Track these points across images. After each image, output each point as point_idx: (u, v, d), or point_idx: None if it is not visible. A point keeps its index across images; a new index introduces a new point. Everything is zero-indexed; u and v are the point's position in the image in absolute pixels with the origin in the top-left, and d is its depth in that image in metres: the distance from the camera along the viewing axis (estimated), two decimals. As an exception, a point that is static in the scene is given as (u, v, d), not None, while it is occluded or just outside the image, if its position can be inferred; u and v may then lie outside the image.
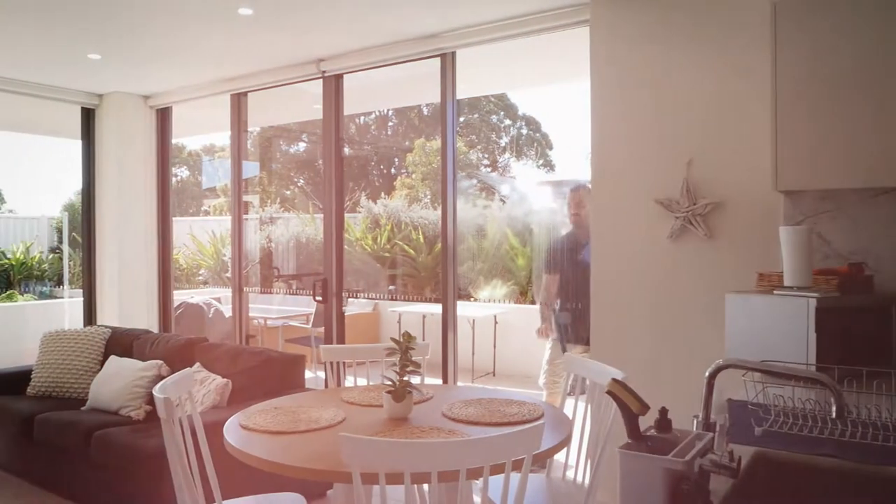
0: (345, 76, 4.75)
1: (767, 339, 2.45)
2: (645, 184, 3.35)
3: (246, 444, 2.30)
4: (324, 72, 4.71)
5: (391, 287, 8.57)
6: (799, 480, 1.61)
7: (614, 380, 1.30)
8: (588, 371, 2.78)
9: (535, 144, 15.48)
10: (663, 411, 1.32)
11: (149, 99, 5.88)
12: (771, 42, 2.58)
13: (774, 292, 2.46)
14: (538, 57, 4.72)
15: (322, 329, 6.79)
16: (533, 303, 7.35)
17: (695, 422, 1.44)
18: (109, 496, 3.67)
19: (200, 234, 10.26)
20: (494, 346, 7.23)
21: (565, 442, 2.32)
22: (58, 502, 3.94)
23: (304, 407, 2.70)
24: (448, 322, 4.19)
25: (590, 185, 4.61)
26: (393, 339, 2.58)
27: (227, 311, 7.26)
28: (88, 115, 5.89)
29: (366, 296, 7.94)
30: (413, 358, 2.57)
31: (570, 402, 3.13)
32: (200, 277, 10.17)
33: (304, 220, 8.95)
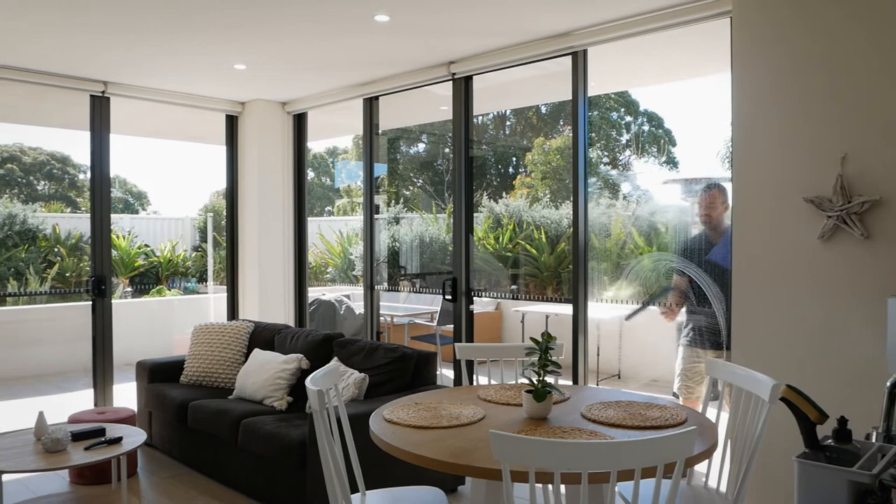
0: (473, 77, 4.80)
1: (937, 348, 2.27)
2: (792, 181, 3.18)
3: (391, 436, 2.38)
4: (454, 74, 4.78)
5: (513, 287, 8.58)
6: None
7: (789, 386, 1.24)
8: (735, 377, 2.68)
9: (659, 141, 15.04)
10: (842, 420, 1.26)
11: (286, 105, 6.19)
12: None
13: (947, 297, 2.27)
14: (664, 52, 4.59)
15: (449, 327, 6.91)
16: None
17: (874, 433, 1.36)
18: (256, 480, 3.89)
19: (328, 233, 10.70)
20: (620, 349, 7.08)
21: (713, 448, 2.25)
22: (208, 484, 4.22)
23: (444, 403, 2.76)
24: (579, 323, 4.15)
25: (722, 185, 4.46)
26: (532, 339, 2.59)
27: (357, 308, 7.53)
28: (232, 122, 6.28)
29: (488, 294, 8.00)
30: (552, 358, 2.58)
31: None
32: (328, 275, 10.60)
33: (428, 220, 9.13)
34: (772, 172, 3.25)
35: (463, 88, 4.82)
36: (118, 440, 3.66)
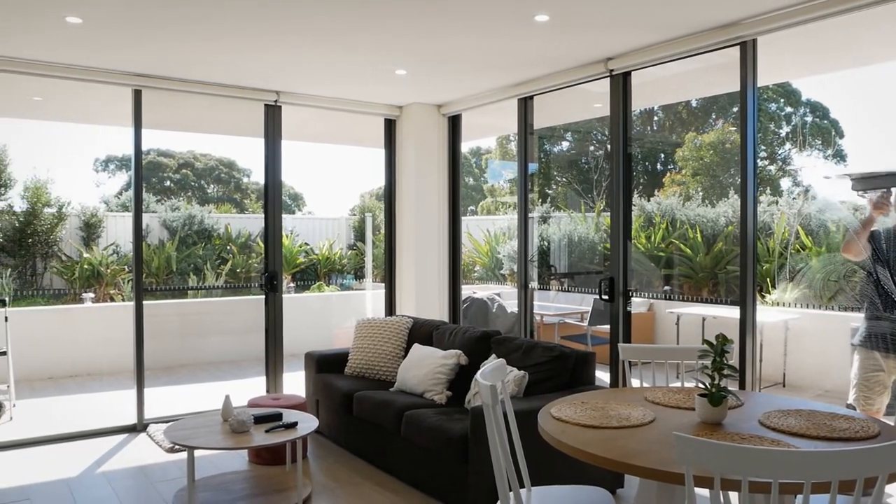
0: (632, 73, 4.70)
1: None
2: None
3: (561, 433, 2.39)
4: (611, 70, 4.70)
5: (666, 287, 8.31)
6: None
7: None
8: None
9: (824, 133, 14.00)
10: None
11: (441, 107, 6.36)
12: None
13: None
14: (834, 39, 4.28)
15: (599, 327, 6.82)
16: (830, 309, 6.68)
17: None
18: (417, 471, 4.04)
19: (475, 232, 10.87)
20: (785, 355, 6.67)
21: (915, 465, 2.08)
22: (372, 471, 4.43)
23: (611, 403, 2.74)
24: (747, 326, 3.96)
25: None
26: (706, 342, 2.52)
27: (508, 306, 7.60)
28: (390, 125, 6.53)
29: (640, 295, 7.79)
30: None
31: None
32: (476, 274, 10.77)
33: (576, 219, 9.04)
34: (977, 165, 2.95)
35: (621, 85, 4.73)
36: (294, 425, 3.92)
